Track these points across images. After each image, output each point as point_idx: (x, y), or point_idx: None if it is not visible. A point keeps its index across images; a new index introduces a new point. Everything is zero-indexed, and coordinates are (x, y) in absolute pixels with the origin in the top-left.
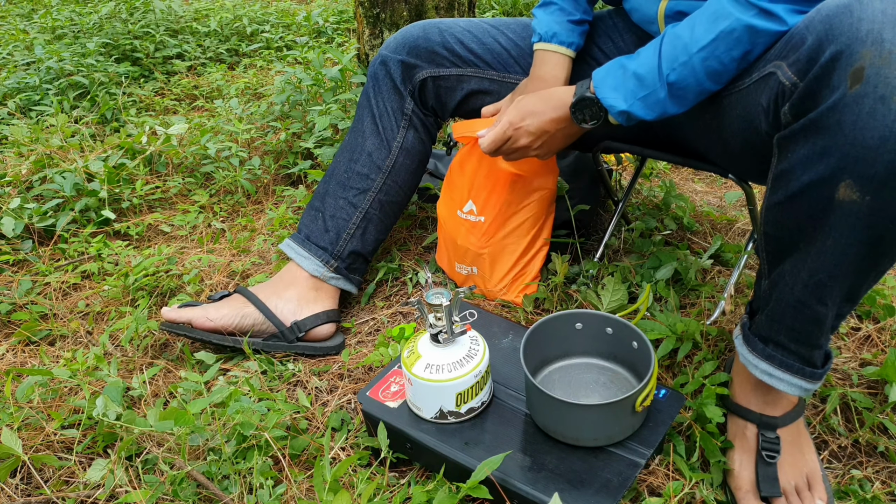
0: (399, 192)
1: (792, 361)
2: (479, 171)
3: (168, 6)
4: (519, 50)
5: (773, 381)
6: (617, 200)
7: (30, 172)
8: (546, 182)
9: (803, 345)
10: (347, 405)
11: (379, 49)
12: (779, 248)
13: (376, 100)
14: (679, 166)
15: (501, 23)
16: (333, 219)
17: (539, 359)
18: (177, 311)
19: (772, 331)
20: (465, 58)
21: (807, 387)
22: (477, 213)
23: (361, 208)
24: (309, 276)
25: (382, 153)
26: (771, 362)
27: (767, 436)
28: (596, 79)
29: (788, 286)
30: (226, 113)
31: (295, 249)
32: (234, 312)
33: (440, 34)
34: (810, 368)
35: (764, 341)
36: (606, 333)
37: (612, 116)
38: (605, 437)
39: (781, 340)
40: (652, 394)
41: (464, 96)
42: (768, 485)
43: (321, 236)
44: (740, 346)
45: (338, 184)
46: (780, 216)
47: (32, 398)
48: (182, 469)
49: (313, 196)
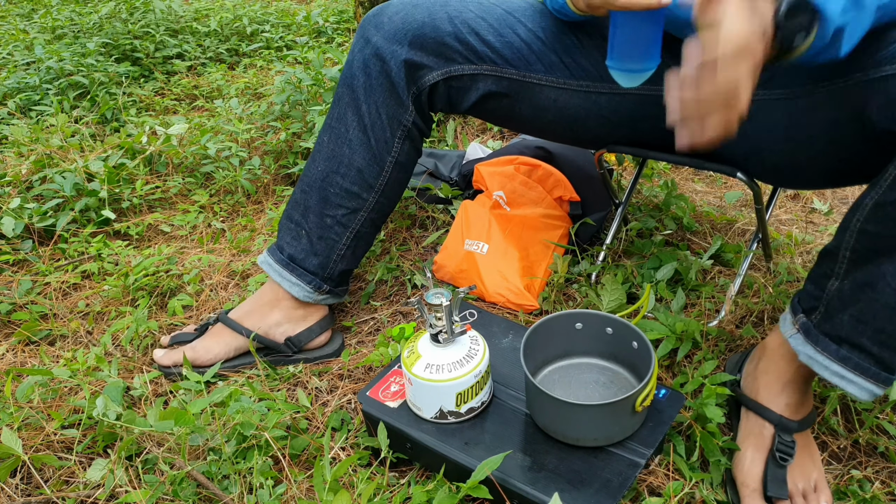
0: (390, 206)
1: (868, 365)
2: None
3: (168, 6)
4: (540, 44)
5: (844, 384)
6: (618, 203)
7: (30, 172)
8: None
9: (888, 348)
10: (347, 405)
11: (363, 24)
12: (878, 247)
13: (367, 103)
14: (679, 166)
15: (515, 7)
16: (322, 240)
17: (540, 359)
18: (169, 356)
19: (853, 332)
20: (480, 53)
21: (877, 391)
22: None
23: (352, 228)
24: (294, 298)
25: (374, 170)
26: (845, 365)
27: (784, 438)
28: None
29: (891, 288)
30: (226, 113)
31: (279, 272)
32: (225, 350)
33: (451, 21)
34: (886, 373)
35: (838, 342)
36: (606, 333)
37: (822, 34)
38: (605, 437)
39: (862, 343)
40: (652, 394)
41: (478, 98)
42: (776, 486)
43: (308, 259)
44: (801, 345)
45: (322, 198)
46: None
47: (32, 398)
48: (182, 469)
49: (290, 203)
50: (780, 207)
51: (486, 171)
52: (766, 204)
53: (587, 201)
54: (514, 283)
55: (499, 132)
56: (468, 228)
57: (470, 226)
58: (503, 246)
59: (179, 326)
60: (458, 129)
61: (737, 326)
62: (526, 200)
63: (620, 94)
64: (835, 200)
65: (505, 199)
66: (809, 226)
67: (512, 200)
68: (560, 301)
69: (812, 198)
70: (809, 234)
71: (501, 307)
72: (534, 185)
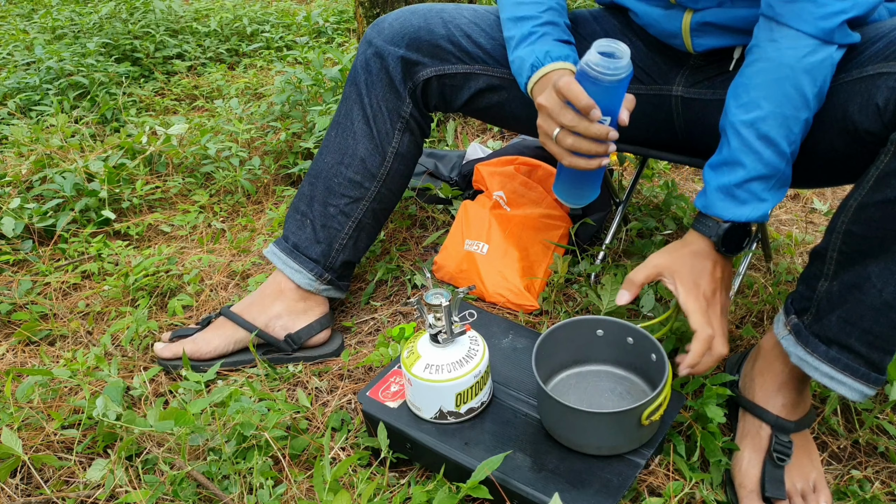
0: (392, 199)
1: (857, 366)
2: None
3: (168, 6)
4: None
5: (834, 385)
6: (618, 203)
7: (30, 172)
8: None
9: (877, 349)
10: (347, 405)
11: (367, 31)
12: (864, 248)
13: (369, 97)
14: (679, 166)
15: None
16: (325, 229)
17: (557, 362)
18: (170, 349)
19: (842, 333)
20: (472, 54)
21: (868, 392)
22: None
23: (354, 217)
24: (297, 288)
25: (376, 160)
26: (835, 366)
27: (781, 438)
28: (716, 209)
29: (876, 289)
30: (226, 113)
31: (283, 260)
32: (225, 342)
33: (444, 25)
34: (875, 374)
35: (827, 343)
36: (627, 343)
37: (760, 221)
38: (609, 447)
39: (851, 344)
40: (664, 408)
41: (471, 95)
42: (774, 486)
43: (311, 247)
44: (793, 346)
45: (327, 188)
46: (881, 215)
47: (32, 398)
48: (182, 469)
49: (297, 196)
50: (780, 207)
51: (486, 171)
52: None
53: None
54: (514, 284)
55: (499, 132)
56: (468, 228)
57: (470, 226)
58: (503, 246)
59: (179, 326)
60: (458, 129)
61: (737, 326)
62: (526, 200)
63: None
64: (835, 200)
65: (505, 200)
66: (809, 226)
67: (512, 200)
68: (560, 301)
69: (812, 198)
70: (809, 234)
71: (501, 307)
72: (534, 185)
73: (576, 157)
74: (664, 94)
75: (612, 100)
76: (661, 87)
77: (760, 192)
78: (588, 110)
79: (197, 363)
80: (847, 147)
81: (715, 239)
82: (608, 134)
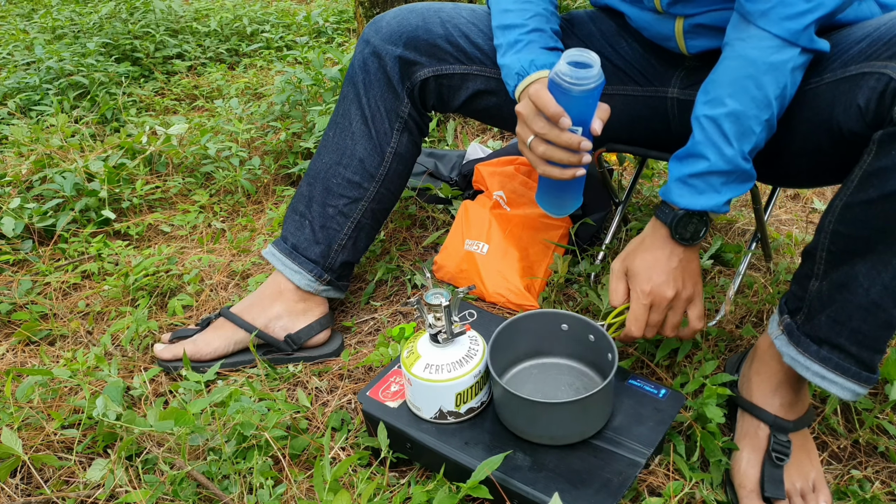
0: (391, 199)
1: (848, 365)
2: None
3: (168, 6)
4: None
5: (826, 384)
6: (618, 202)
7: (30, 172)
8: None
9: (866, 348)
10: (347, 405)
11: (365, 30)
12: (851, 248)
13: (367, 97)
14: None
15: None
16: (324, 229)
17: (522, 351)
18: (169, 350)
19: (832, 333)
20: (470, 54)
21: (859, 391)
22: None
23: (353, 218)
24: (296, 289)
25: (375, 160)
26: (826, 365)
27: (779, 438)
28: (672, 196)
29: (863, 288)
30: (226, 113)
31: (283, 261)
32: (225, 343)
33: (442, 25)
34: (867, 373)
35: (818, 343)
36: (589, 340)
37: (717, 214)
38: (538, 435)
39: (841, 343)
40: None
41: (469, 96)
42: (773, 486)
43: (310, 248)
44: (785, 346)
45: (325, 189)
46: (865, 215)
47: (32, 398)
48: (182, 469)
49: (295, 197)
50: (780, 207)
51: (486, 171)
52: (765, 204)
53: (587, 201)
54: (514, 283)
55: (499, 132)
56: (468, 228)
57: (470, 226)
58: (503, 246)
59: (179, 326)
60: (458, 129)
61: (737, 326)
62: (526, 200)
63: (615, 94)
64: None
65: (505, 199)
66: (809, 226)
67: (512, 200)
68: (560, 301)
69: (812, 198)
70: (809, 234)
71: (501, 307)
72: (534, 185)
73: (549, 165)
74: (660, 96)
75: (582, 109)
76: (657, 88)
77: (718, 186)
78: (557, 118)
79: (197, 364)
80: (834, 147)
81: (670, 225)
82: (580, 144)
